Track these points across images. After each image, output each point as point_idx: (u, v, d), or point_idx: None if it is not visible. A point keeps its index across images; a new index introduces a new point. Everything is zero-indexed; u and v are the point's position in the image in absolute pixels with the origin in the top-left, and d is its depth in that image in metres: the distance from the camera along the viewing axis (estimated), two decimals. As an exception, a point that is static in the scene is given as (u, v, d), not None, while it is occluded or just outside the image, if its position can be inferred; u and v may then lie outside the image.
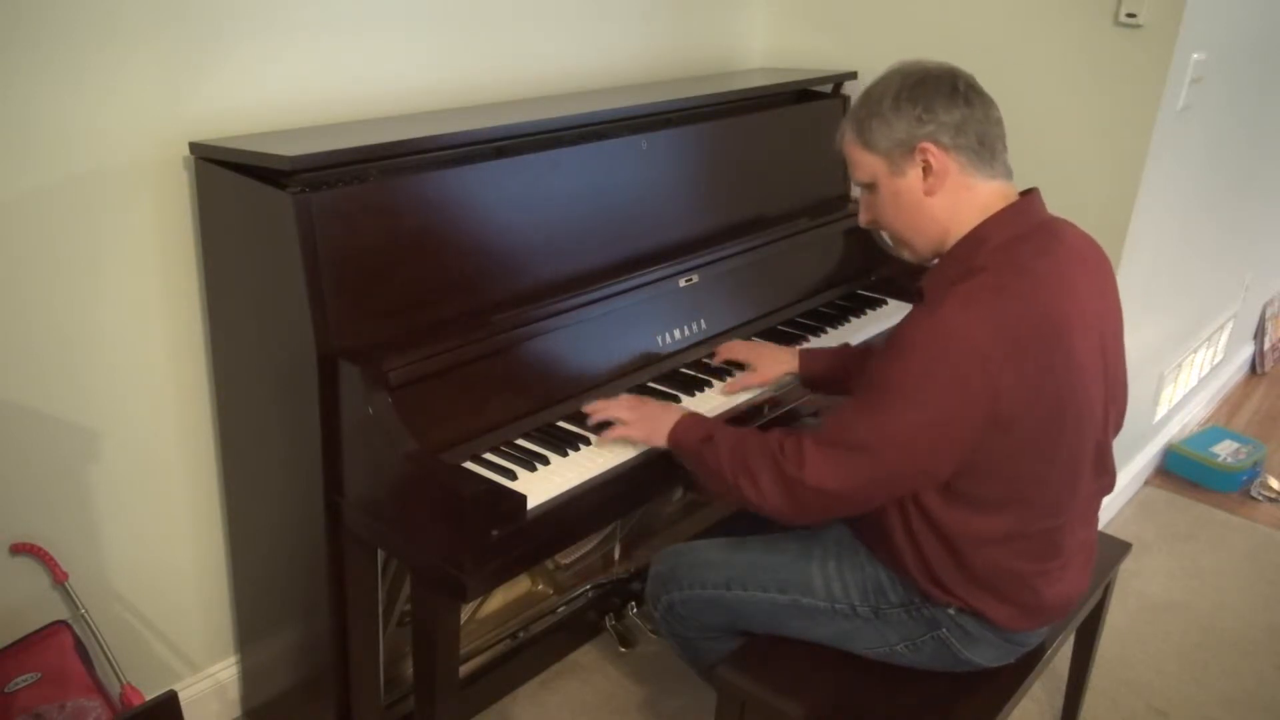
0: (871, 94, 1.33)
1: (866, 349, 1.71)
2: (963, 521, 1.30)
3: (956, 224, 1.31)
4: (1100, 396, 1.34)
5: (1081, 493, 1.37)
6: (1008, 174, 1.33)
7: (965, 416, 1.21)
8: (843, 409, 1.29)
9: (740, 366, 1.76)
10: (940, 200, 1.31)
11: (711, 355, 1.81)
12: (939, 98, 1.28)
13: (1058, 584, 1.39)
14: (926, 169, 1.30)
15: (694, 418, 1.47)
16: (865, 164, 1.35)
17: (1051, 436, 1.27)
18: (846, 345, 1.74)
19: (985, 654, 1.42)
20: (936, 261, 1.36)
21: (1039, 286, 1.24)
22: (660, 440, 1.47)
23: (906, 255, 1.41)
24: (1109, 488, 1.44)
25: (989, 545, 1.32)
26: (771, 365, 1.73)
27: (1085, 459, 1.35)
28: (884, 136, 1.31)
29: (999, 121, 1.32)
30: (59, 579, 1.56)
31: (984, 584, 1.34)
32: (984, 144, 1.29)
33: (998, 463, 1.26)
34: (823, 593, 1.45)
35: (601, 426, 1.52)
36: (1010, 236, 1.28)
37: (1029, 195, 1.33)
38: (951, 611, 1.38)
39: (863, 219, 1.42)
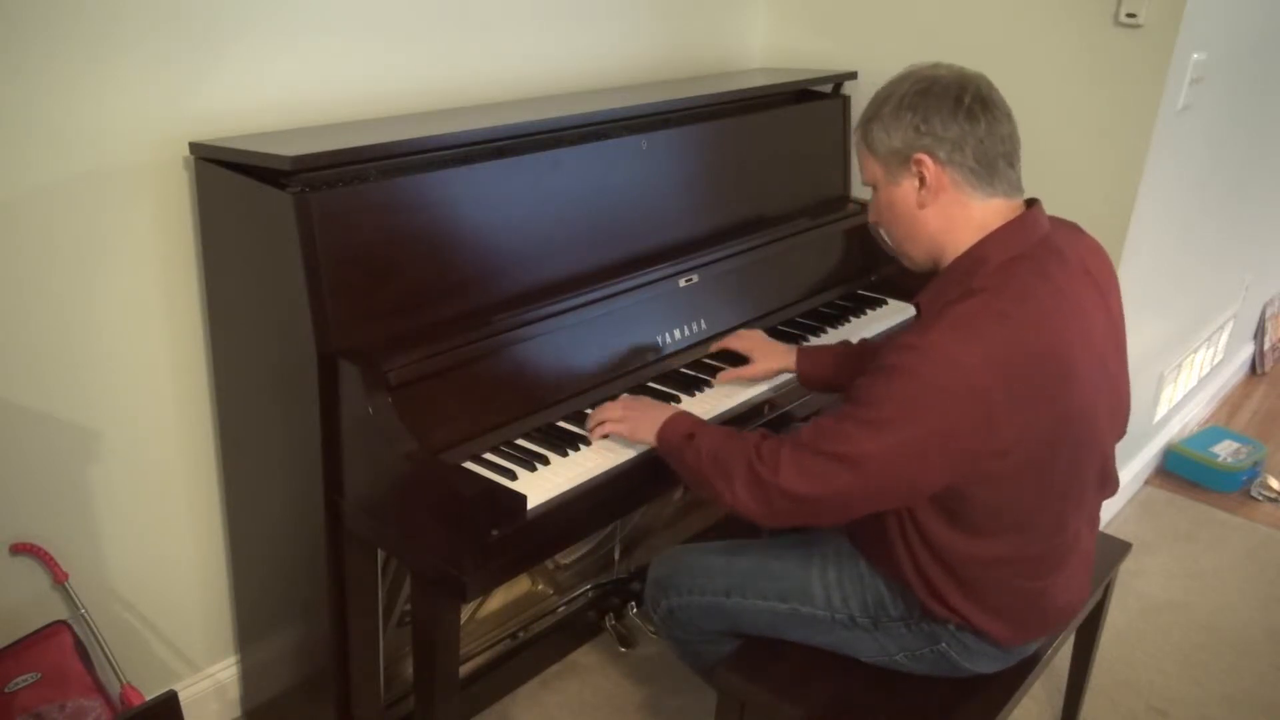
0: (878, 96, 1.29)
1: (866, 347, 1.68)
2: (963, 544, 1.28)
3: (952, 240, 1.27)
4: (1105, 414, 1.31)
5: (1085, 507, 1.36)
6: (1011, 190, 1.27)
7: (946, 444, 1.17)
8: (826, 417, 1.25)
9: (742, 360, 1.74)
10: (933, 214, 1.27)
11: (710, 353, 1.79)
12: (940, 111, 1.22)
13: (1059, 596, 1.38)
14: (921, 181, 1.25)
15: (681, 415, 1.44)
16: (868, 166, 1.32)
17: (1051, 463, 1.24)
18: (846, 343, 1.72)
19: (985, 665, 1.41)
20: (934, 276, 1.31)
21: (1040, 314, 1.19)
22: (646, 436, 1.44)
23: (905, 262, 1.37)
24: (1112, 493, 1.42)
25: (989, 567, 1.30)
26: (768, 359, 1.70)
27: (1089, 478, 1.33)
28: (881, 142, 1.27)
29: (1007, 138, 1.25)
30: (59, 579, 1.56)
31: (984, 603, 1.33)
32: (983, 163, 1.23)
33: (995, 489, 1.23)
34: (822, 602, 1.44)
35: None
36: (1011, 256, 1.23)
37: (1031, 210, 1.27)
38: (951, 628, 1.37)
39: (870, 217, 1.39)
